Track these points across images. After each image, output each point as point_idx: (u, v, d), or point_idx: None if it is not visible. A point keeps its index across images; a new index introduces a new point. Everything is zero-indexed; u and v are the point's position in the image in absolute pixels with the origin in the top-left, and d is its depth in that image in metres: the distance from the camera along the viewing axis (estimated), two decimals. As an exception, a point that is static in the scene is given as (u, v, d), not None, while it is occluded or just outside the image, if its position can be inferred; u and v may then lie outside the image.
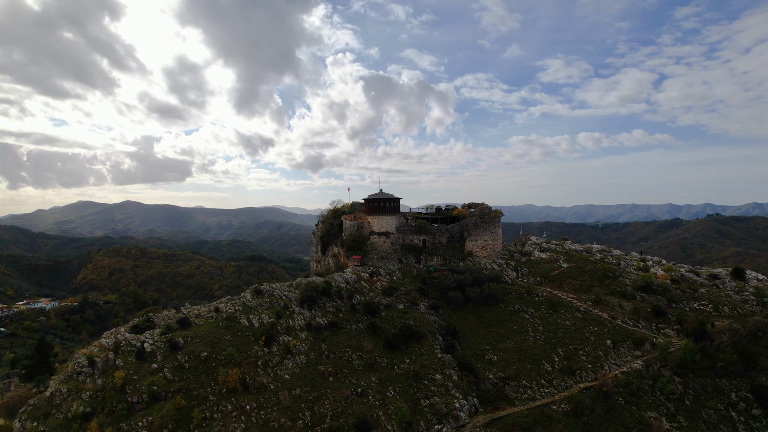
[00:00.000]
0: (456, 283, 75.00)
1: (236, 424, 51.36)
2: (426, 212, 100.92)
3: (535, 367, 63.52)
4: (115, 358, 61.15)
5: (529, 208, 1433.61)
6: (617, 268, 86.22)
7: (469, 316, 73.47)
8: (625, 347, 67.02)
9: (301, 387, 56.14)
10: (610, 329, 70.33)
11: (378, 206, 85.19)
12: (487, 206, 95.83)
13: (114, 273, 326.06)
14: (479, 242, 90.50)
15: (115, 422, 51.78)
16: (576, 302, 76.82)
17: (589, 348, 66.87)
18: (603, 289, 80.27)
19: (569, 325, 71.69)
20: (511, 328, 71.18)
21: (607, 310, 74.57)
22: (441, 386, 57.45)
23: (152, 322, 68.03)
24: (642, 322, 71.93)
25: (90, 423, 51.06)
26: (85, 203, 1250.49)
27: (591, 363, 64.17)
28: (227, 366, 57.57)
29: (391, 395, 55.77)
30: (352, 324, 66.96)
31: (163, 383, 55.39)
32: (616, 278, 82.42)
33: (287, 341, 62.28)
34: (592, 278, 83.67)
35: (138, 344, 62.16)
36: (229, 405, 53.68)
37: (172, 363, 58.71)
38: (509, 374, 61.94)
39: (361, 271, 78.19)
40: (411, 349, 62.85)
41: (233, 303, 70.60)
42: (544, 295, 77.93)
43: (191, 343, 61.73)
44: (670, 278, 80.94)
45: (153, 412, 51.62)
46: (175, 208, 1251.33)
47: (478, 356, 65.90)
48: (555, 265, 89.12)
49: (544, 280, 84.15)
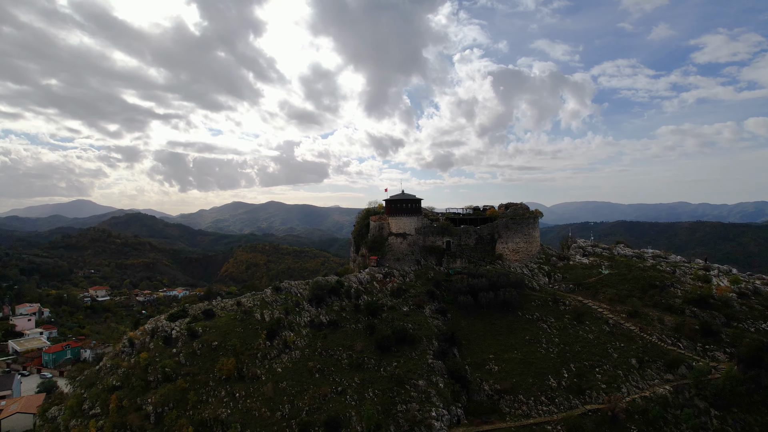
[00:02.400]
0: (468, 287, 71.01)
1: (223, 409, 55.42)
2: (462, 213, 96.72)
3: (538, 382, 57.70)
4: (149, 341, 69.90)
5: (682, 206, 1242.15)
6: (669, 276, 73.71)
7: (478, 323, 69.14)
8: (653, 368, 57.50)
9: (288, 381, 58.39)
10: (640, 346, 60.88)
11: (396, 207, 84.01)
12: (524, 206, 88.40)
13: (250, 267, 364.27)
14: (510, 245, 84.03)
15: (133, 396, 59.41)
16: (607, 314, 67.72)
17: (609, 366, 58.68)
18: (645, 300, 69.49)
19: (591, 338, 63.62)
20: (523, 338, 65.39)
21: (642, 323, 64.57)
22: (423, 393, 55.21)
23: (186, 312, 76.04)
24: (684, 341, 60.89)
25: (113, 395, 59.41)
26: (236, 204, 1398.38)
27: (606, 383, 56.32)
28: (229, 355, 62.28)
29: (369, 397, 55.22)
30: (352, 323, 67.46)
31: (175, 366, 61.89)
32: (663, 288, 70.62)
33: (287, 336, 65.10)
34: (634, 287, 72.72)
35: (168, 331, 70.14)
36: (223, 391, 58.07)
37: (188, 349, 65.19)
38: (505, 387, 57.20)
39: (377, 272, 78.10)
40: (402, 352, 61.32)
41: (254, 298, 75.77)
42: (571, 304, 70.06)
43: (207, 333, 67.84)
44: (736, 291, 67.01)
45: (159, 391, 58.16)
46: (312, 208, 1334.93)
47: (479, 365, 61.85)
48: (594, 271, 79.15)
49: (577, 288, 75.37)
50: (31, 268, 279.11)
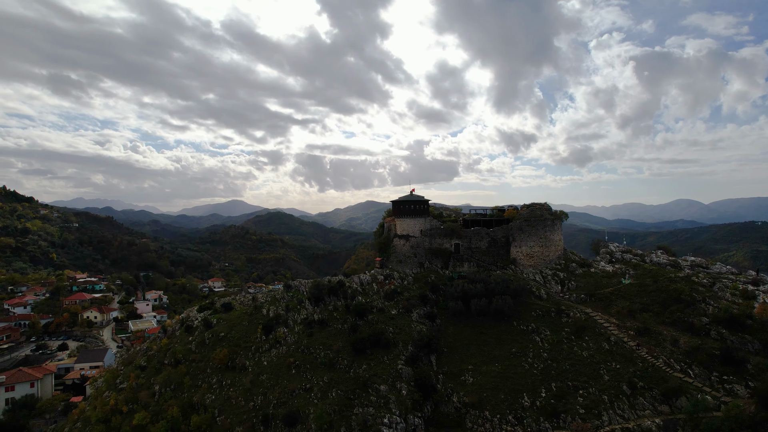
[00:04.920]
0: (461, 292, 67.17)
1: (210, 395, 60.74)
2: (486, 214, 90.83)
3: (510, 399, 52.99)
4: (178, 328, 78.87)
5: None
6: (704, 290, 61.40)
7: (467, 330, 65.16)
8: (647, 397, 49.19)
9: (268, 374, 61.61)
10: (639, 369, 52.38)
11: (401, 209, 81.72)
12: (545, 207, 79.86)
13: (370, 263, 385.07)
14: (524, 249, 76.79)
15: (147, 376, 67.96)
16: (613, 329, 59.15)
17: (595, 389, 51.59)
18: (664, 316, 59.09)
19: (585, 356, 56.29)
20: (510, 350, 60.22)
21: (641, 341, 55.26)
22: (383, 398, 54.26)
23: (213, 304, 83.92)
24: (696, 368, 50.73)
25: (132, 373, 68.64)
26: (369, 203, 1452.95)
27: (586, 408, 49.72)
28: (226, 346, 67.68)
29: (332, 396, 55.89)
30: (339, 323, 68.37)
31: (185, 352, 69.19)
32: (692, 304, 59.21)
33: (278, 332, 68.50)
34: (653, 301, 61.98)
35: (192, 320, 78.39)
36: (215, 378, 63.51)
37: (200, 338, 72.24)
38: (472, 401, 53.61)
39: (379, 274, 77.58)
40: (375, 355, 60.62)
41: (267, 294, 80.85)
42: (575, 317, 62.57)
43: (219, 325, 74.33)
44: (784, 312, 53.67)
45: (164, 374, 65.68)
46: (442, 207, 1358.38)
47: (454, 375, 58.66)
48: (614, 280, 68.82)
49: (589, 299, 66.47)
50: (179, 260, 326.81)
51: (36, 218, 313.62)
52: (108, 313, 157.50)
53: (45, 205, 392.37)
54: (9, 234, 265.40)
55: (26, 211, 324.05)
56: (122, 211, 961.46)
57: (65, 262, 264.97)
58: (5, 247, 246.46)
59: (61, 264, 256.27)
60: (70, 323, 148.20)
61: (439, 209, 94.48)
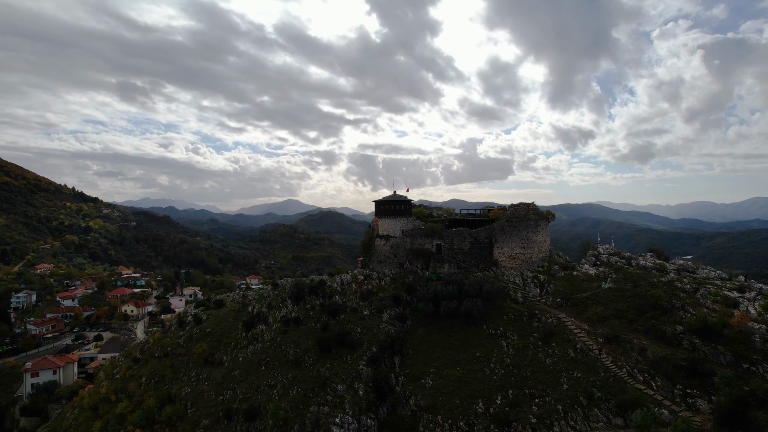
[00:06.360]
0: (432, 294, 65.94)
1: (186, 387, 63.34)
2: (476, 213, 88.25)
3: (464, 405, 51.62)
4: (174, 323, 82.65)
5: None
6: (685, 296, 56.82)
7: (435, 333, 63.88)
8: (603, 408, 46.52)
9: (240, 370, 63.29)
10: (601, 379, 49.56)
11: (383, 209, 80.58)
12: (530, 207, 76.24)
13: None
14: (506, 250, 73.95)
15: (139, 366, 71.77)
16: (582, 336, 56.16)
17: (552, 398, 49.34)
18: (639, 323, 55.37)
19: (548, 363, 53.86)
20: (473, 354, 58.58)
21: (618, 352, 52.06)
22: (339, 397, 54.45)
23: (209, 301, 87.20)
24: (660, 379, 47.30)
25: (124, 364, 72.70)
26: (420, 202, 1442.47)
27: (539, 417, 47.70)
28: (211, 342, 70.18)
29: (292, 394, 56.67)
30: (313, 322, 69.00)
31: (172, 346, 72.41)
32: (669, 311, 55.07)
33: (256, 329, 70.18)
34: (629, 307, 58.04)
35: (186, 316, 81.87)
36: (193, 372, 66.14)
37: (189, 333, 75.35)
38: (427, 404, 52.73)
39: (360, 274, 77.50)
40: (340, 354, 60.84)
41: (255, 292, 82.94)
42: (546, 322, 59.93)
43: (207, 321, 77.20)
44: (765, 321, 48.71)
45: (149, 366, 69.10)
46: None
47: (416, 378, 57.78)
48: (594, 284, 64.92)
49: (566, 303, 63.26)
50: (227, 258, 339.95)
51: (98, 217, 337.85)
52: (143, 308, 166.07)
53: (108, 204, 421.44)
54: (74, 232, 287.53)
55: (91, 210, 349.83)
56: (184, 210, 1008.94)
57: (121, 258, 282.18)
58: (70, 243, 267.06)
59: (118, 260, 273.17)
60: (108, 316, 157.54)
61: (430, 209, 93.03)
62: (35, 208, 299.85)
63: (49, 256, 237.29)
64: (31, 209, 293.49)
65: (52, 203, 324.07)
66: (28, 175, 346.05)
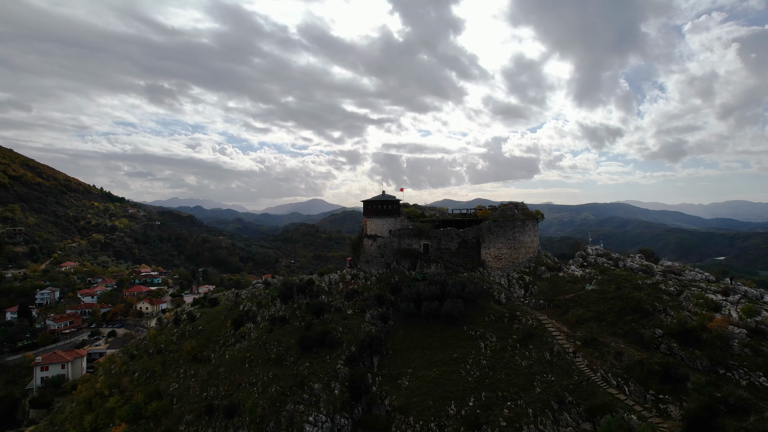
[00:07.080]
0: (415, 294, 65.53)
1: (174, 383, 64.99)
2: (467, 213, 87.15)
3: (437, 407, 51.25)
4: (170, 321, 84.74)
5: None
6: (668, 299, 54.75)
7: (416, 333, 63.49)
8: (573, 413, 45.41)
9: (225, 367, 64.51)
10: (574, 383, 48.38)
11: (371, 208, 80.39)
12: (518, 207, 74.75)
13: None
14: (492, 250, 72.75)
15: (135, 361, 73.95)
16: (561, 338, 54.93)
17: (524, 401, 48.48)
18: (618, 326, 53.77)
19: (524, 366, 52.89)
20: (451, 355, 58.03)
21: (594, 355, 50.73)
22: (315, 396, 54.83)
23: (205, 298, 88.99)
24: (633, 384, 45.83)
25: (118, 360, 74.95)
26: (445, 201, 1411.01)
27: (508, 420, 46.97)
28: (201, 339, 71.71)
29: (270, 392, 57.33)
30: (298, 321, 69.54)
31: (165, 343, 74.34)
32: (650, 314, 53.23)
33: (243, 328, 71.25)
34: (609, 309, 56.32)
35: (182, 314, 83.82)
36: (183, 368, 67.75)
37: (182, 330, 77.20)
38: (401, 405, 52.57)
39: (347, 273, 77.72)
40: (320, 354, 61.18)
41: (248, 290, 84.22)
42: (526, 323, 58.86)
43: (200, 319, 78.89)
44: (746, 326, 46.53)
45: (142, 361, 71.07)
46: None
47: (393, 378, 57.60)
48: (579, 285, 63.19)
49: (548, 305, 61.89)
50: (248, 257, 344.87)
51: (124, 216, 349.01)
52: (158, 305, 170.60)
53: (136, 204, 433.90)
54: (100, 231, 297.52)
55: (117, 210, 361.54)
56: (210, 210, 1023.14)
57: (145, 256, 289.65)
58: (96, 242, 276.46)
59: (141, 258, 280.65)
60: (124, 313, 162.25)
61: (422, 209, 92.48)
62: (65, 207, 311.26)
63: (75, 255, 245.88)
64: (60, 209, 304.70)
65: (81, 203, 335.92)
66: (59, 175, 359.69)
